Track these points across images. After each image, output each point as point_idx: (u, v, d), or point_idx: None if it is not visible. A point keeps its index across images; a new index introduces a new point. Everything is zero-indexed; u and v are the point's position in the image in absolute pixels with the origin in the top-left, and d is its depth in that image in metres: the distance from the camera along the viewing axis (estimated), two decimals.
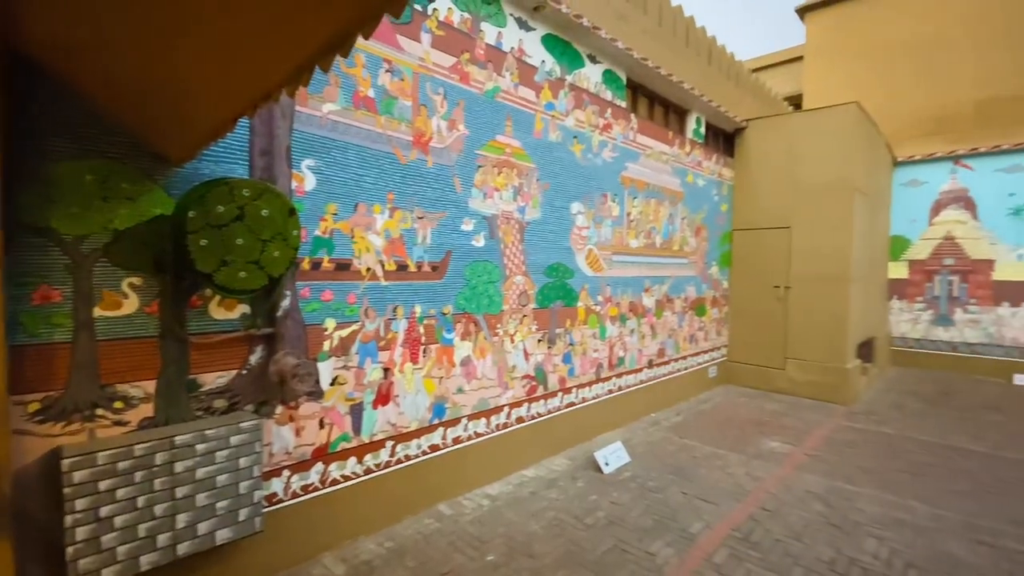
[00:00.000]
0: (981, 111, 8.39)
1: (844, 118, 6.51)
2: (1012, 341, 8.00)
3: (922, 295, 8.82)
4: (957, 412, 6.10)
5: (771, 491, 3.82)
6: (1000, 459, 4.59)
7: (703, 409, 6.09)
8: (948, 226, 8.58)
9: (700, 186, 6.72)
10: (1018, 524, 3.38)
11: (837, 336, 6.46)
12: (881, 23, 9.37)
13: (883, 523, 3.36)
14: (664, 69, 5.53)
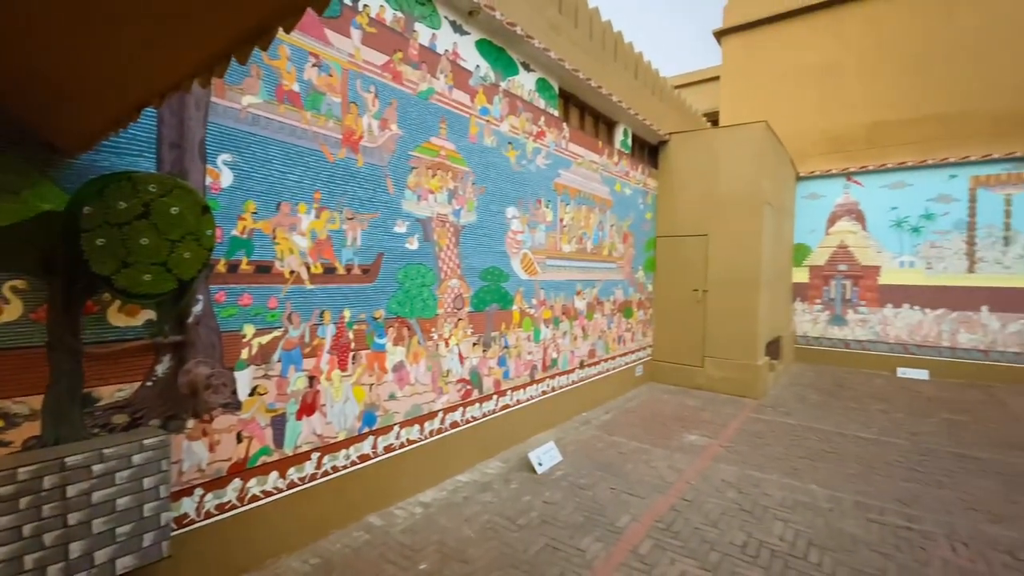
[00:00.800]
0: (870, 133, 9.46)
1: (754, 135, 7.10)
2: (895, 338, 9.08)
3: (820, 297, 9.79)
4: (850, 403, 6.81)
5: (691, 482, 4.07)
6: (886, 444, 5.18)
7: (630, 407, 6.36)
8: (842, 236, 9.60)
9: (627, 195, 7.03)
10: (901, 502, 3.83)
11: (748, 335, 7.01)
12: (787, 51, 10.32)
13: (788, 507, 3.69)
14: (594, 81, 5.75)
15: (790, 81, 10.26)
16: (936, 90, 8.89)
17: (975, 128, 8.53)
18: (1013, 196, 8.22)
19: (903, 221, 9.05)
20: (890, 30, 9.27)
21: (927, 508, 3.72)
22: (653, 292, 7.88)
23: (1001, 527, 3.45)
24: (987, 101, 8.46)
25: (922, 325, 8.84)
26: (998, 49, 8.40)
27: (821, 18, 9.94)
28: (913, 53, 9.08)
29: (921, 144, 8.94)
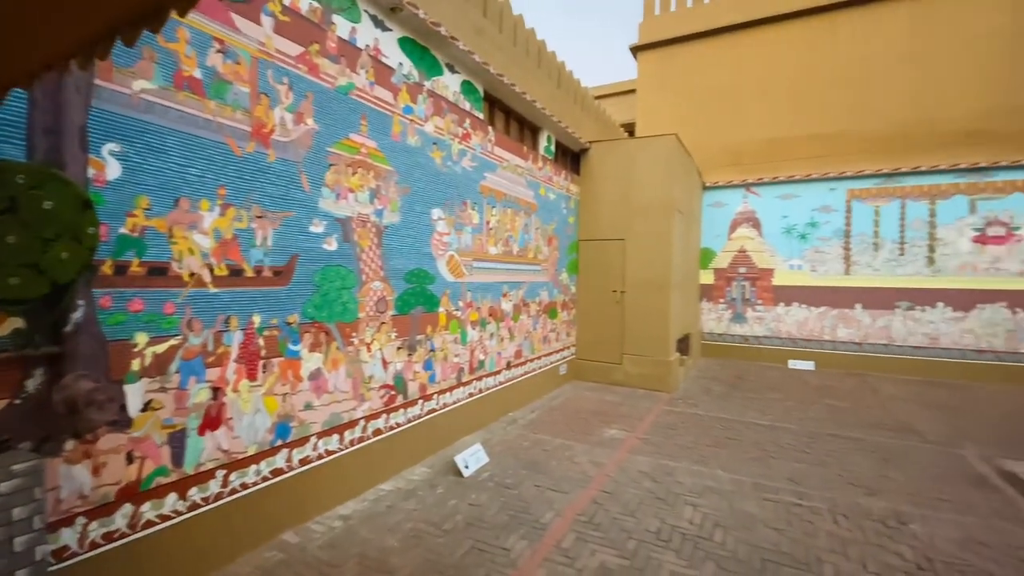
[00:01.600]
0: (766, 148, 10.46)
1: (666, 147, 7.58)
2: (786, 334, 10.10)
3: (724, 297, 10.67)
4: (749, 393, 7.48)
5: (610, 475, 4.26)
6: (779, 429, 5.74)
7: (554, 405, 6.53)
8: (742, 241, 10.53)
9: (551, 199, 7.23)
10: (793, 481, 4.26)
11: (661, 333, 7.47)
12: (695, 70, 11.14)
13: (697, 492, 3.97)
14: (519, 87, 5.85)
15: (698, 97, 11.09)
16: (820, 112, 10.01)
17: (851, 147, 9.72)
18: (881, 207, 9.46)
19: (792, 228, 10.11)
20: (781, 56, 10.32)
21: (814, 485, 4.17)
22: (576, 293, 8.15)
23: (874, 499, 3.95)
24: (860, 123, 9.68)
25: (808, 321, 9.93)
26: (870, 77, 9.64)
27: (723, 42, 10.85)
28: (800, 78, 10.17)
29: (808, 160, 10.04)
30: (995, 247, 8.68)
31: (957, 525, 3.51)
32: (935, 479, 4.35)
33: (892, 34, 9.44)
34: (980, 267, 8.76)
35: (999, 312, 8.62)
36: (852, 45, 9.75)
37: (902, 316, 9.24)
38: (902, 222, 9.29)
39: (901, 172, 9.24)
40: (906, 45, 9.33)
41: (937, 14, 9.13)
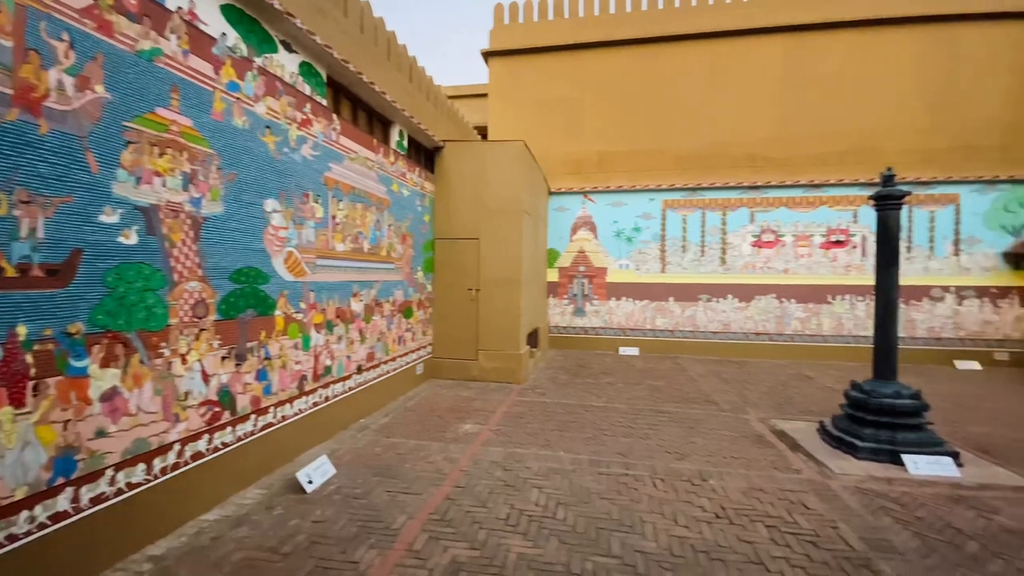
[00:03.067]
0: (600, 160, 11.62)
1: (515, 152, 7.96)
2: (617, 324, 11.39)
3: (567, 293, 11.65)
4: (588, 379, 8.26)
5: (464, 469, 4.33)
6: (611, 409, 6.43)
7: (410, 406, 6.42)
8: (581, 243, 11.60)
9: (405, 196, 7.07)
10: (621, 455, 4.80)
11: (512, 328, 7.85)
12: (541, 81, 11.88)
13: (542, 474, 4.25)
14: (367, 76, 5.59)
15: (544, 107, 11.86)
16: (643, 130, 11.46)
17: (666, 163, 11.32)
18: (688, 216, 11.20)
19: (621, 232, 11.45)
20: (614, 77, 11.56)
21: (638, 456, 4.77)
22: (433, 292, 8.10)
23: (684, 462, 4.65)
24: (673, 143, 11.32)
25: (634, 313, 11.35)
26: (681, 104, 11.32)
27: (566, 58, 11.77)
28: (628, 99, 11.51)
29: (633, 172, 11.43)
30: (767, 250, 10.91)
31: (744, 477, 4.33)
32: (728, 441, 5.30)
33: (697, 69, 11.23)
34: (757, 266, 10.93)
35: (771, 302, 10.86)
36: (668, 74, 11.36)
37: (703, 307, 11.10)
38: (703, 229, 11.15)
39: (702, 187, 11.08)
40: (707, 79, 11.18)
41: (729, 55, 11.10)
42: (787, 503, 3.82)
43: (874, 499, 3.90)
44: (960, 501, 3.87)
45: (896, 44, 10.43)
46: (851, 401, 5.04)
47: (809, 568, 2.95)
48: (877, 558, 3.06)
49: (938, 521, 3.55)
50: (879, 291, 5.00)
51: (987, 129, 10.14)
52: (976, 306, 10.13)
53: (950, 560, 3.05)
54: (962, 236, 10.21)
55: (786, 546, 3.18)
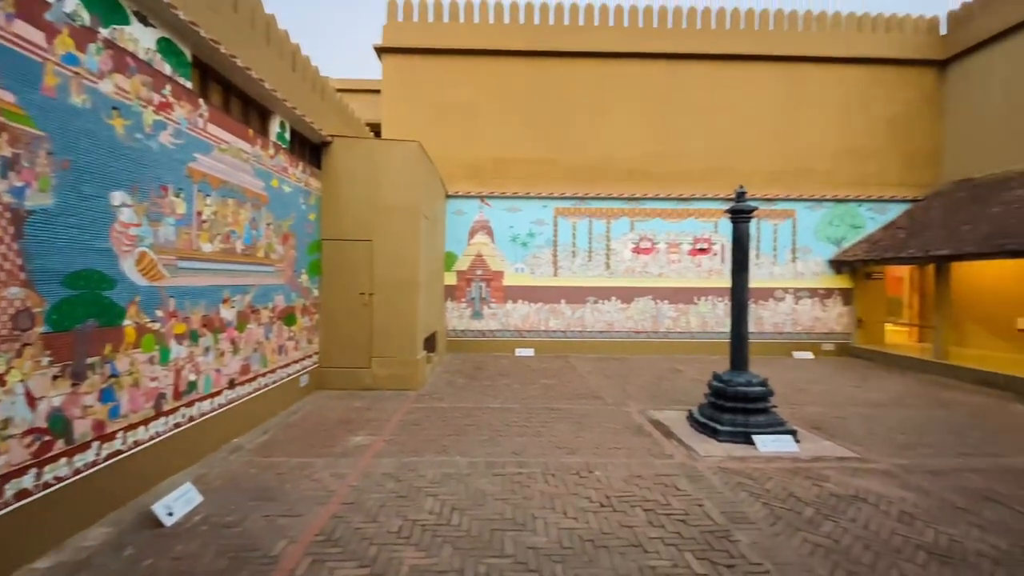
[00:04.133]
0: (496, 166, 11.82)
1: (411, 153, 7.80)
2: (514, 327, 11.66)
3: (465, 297, 11.67)
4: (485, 381, 8.33)
5: (354, 484, 4.12)
6: (507, 410, 6.55)
7: (292, 421, 5.95)
8: (478, 247, 11.71)
9: (287, 192, 6.56)
10: (516, 454, 4.90)
11: (409, 333, 7.66)
12: (438, 82, 11.77)
13: (437, 481, 4.19)
14: (241, 60, 5.10)
15: (441, 110, 11.77)
16: (537, 140, 11.87)
17: (557, 172, 11.85)
18: (577, 223, 11.84)
19: (517, 237, 11.76)
20: (510, 86, 11.84)
21: (532, 454, 4.91)
22: (320, 296, 7.60)
23: (573, 456, 4.88)
24: (564, 154, 11.88)
25: (530, 315, 11.72)
26: (570, 118, 11.91)
27: (464, 62, 11.80)
28: (524, 108, 11.86)
29: (528, 179, 11.80)
30: (644, 256, 11.92)
31: (625, 466, 4.65)
32: (612, 432, 5.67)
33: (586, 85, 11.92)
34: (636, 271, 11.89)
35: (648, 303, 11.87)
36: (560, 88, 11.91)
37: (591, 308, 11.80)
38: (590, 236, 11.87)
39: (589, 197, 11.80)
40: (595, 96, 11.92)
41: (614, 75, 11.93)
42: (662, 487, 4.18)
43: (732, 476, 4.43)
44: (798, 472, 4.54)
45: (751, 77, 12.03)
46: (713, 390, 5.68)
47: (680, 545, 3.25)
48: (735, 529, 3.47)
49: (782, 492, 4.12)
50: (733, 293, 5.71)
51: (818, 155, 12.11)
52: (809, 305, 12.02)
53: (792, 525, 3.56)
54: (798, 246, 12.07)
55: (661, 527, 3.49)
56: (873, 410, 6.82)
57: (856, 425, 6.07)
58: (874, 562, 3.06)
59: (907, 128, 12.22)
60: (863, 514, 3.72)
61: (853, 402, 7.29)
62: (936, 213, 10.87)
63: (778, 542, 3.31)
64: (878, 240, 11.39)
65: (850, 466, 4.71)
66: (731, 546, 3.24)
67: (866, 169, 12.16)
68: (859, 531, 3.46)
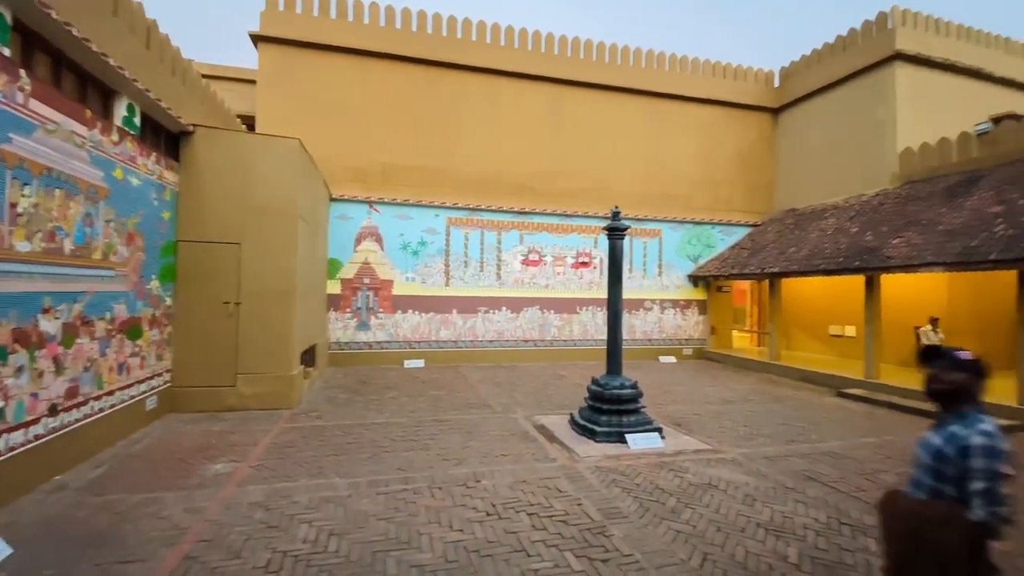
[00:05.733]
0: (385, 171, 11.46)
1: (290, 150, 7.25)
2: (403, 337, 11.33)
3: (350, 307, 11.08)
4: (370, 395, 7.96)
5: (212, 518, 3.65)
6: (393, 424, 6.32)
7: (135, 451, 5.13)
8: (366, 254, 11.22)
9: (134, 185, 5.70)
10: (401, 470, 4.73)
11: (284, 346, 7.05)
12: (322, 79, 11.11)
13: (313, 507, 3.89)
14: (79, 30, 4.36)
15: (327, 108, 11.12)
16: (429, 148, 11.76)
17: (449, 182, 11.85)
18: (469, 234, 11.93)
19: (408, 245, 11.51)
20: (403, 91, 11.60)
21: (418, 468, 4.78)
22: (174, 306, 6.68)
23: (460, 467, 4.85)
24: (457, 164, 11.92)
25: (420, 325, 11.49)
26: (462, 129, 12.00)
27: (352, 62, 11.31)
28: (416, 115, 11.69)
29: (419, 187, 11.63)
30: (533, 268, 12.39)
31: (511, 472, 4.74)
32: (500, 440, 5.76)
33: (478, 100, 12.12)
34: (525, 281, 12.30)
35: (536, 313, 12.32)
36: (452, 100, 11.97)
37: (482, 318, 11.94)
38: (482, 246, 12.04)
39: (481, 208, 11.98)
40: (487, 111, 12.17)
41: (505, 93, 12.30)
42: (545, 490, 4.33)
43: (608, 474, 4.74)
44: (663, 466, 5.00)
45: (625, 108, 13.20)
46: (591, 394, 6.06)
47: (561, 544, 3.39)
48: (610, 524, 3.71)
49: (649, 485, 4.51)
50: (609, 303, 6.17)
51: (680, 182, 13.64)
52: (672, 314, 13.41)
53: (658, 515, 3.90)
54: (664, 262, 13.44)
55: (543, 529, 3.60)
56: (724, 407, 7.79)
57: (710, 420, 6.88)
58: (724, 542, 3.48)
59: (749, 163, 14.34)
60: (715, 500, 4.21)
61: (708, 400, 8.26)
62: (771, 236, 12.86)
63: (646, 532, 3.61)
64: (726, 258, 13.13)
65: (705, 457, 5.31)
66: (606, 541, 3.46)
67: (718, 196, 14.00)
68: (712, 515, 3.90)
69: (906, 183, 10.95)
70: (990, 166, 9.43)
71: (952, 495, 1.77)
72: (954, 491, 1.77)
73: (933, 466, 1.84)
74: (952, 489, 1.77)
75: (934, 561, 1.68)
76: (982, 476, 1.69)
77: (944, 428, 1.86)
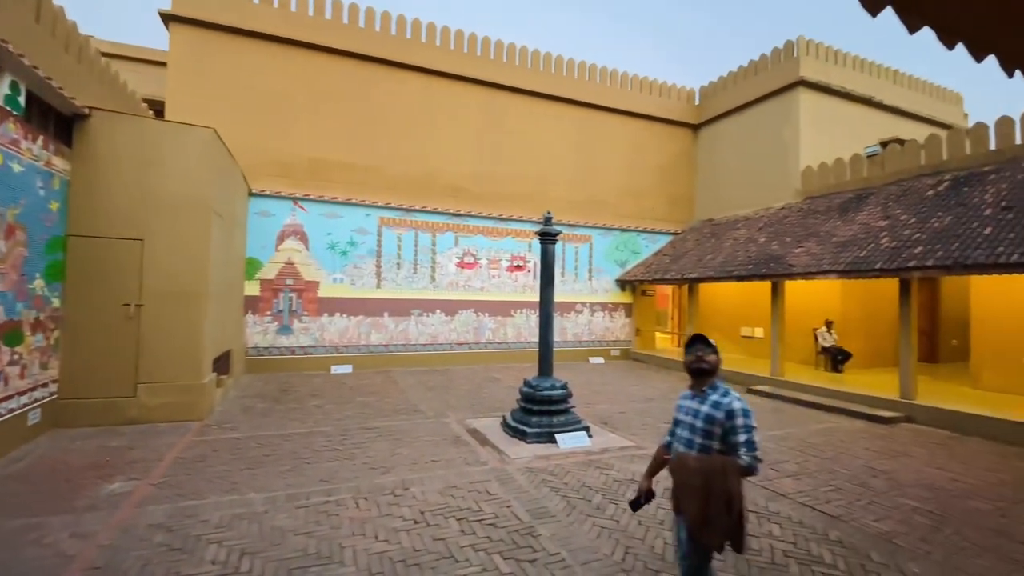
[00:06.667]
0: (313, 167, 10.94)
1: (203, 139, 6.73)
2: (330, 342, 10.84)
3: (270, 309, 10.43)
4: (292, 404, 7.55)
5: (105, 543, 3.29)
6: (317, 433, 6.02)
7: (14, 471, 4.51)
8: (289, 253, 10.63)
9: (16, 172, 5.03)
10: (324, 481, 4.52)
11: (193, 352, 6.51)
12: (242, 65, 10.40)
13: (224, 525, 3.61)
14: None
15: (246, 96, 10.43)
16: (361, 145, 11.37)
17: (382, 181, 11.53)
18: (402, 235, 11.67)
19: (336, 245, 11.05)
20: (331, 85, 11.13)
21: (343, 479, 4.59)
22: (63, 308, 5.96)
23: (388, 476, 4.71)
24: (389, 164, 11.62)
25: (348, 329, 11.06)
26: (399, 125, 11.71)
27: (276, 50, 10.69)
28: (348, 111, 11.27)
29: (349, 185, 11.22)
30: (468, 270, 12.34)
31: (441, 479, 4.68)
32: (431, 446, 5.67)
33: (413, 99, 11.90)
34: (460, 284, 12.23)
35: (470, 315, 12.28)
36: (386, 97, 11.66)
37: (415, 321, 11.71)
38: (416, 248, 11.82)
39: (415, 209, 11.77)
40: (422, 111, 11.98)
41: (441, 94, 12.18)
42: (475, 494, 4.32)
43: (538, 475, 4.81)
44: (591, 464, 5.16)
45: (559, 116, 13.54)
46: (523, 396, 6.13)
47: (490, 548, 3.39)
48: (538, 524, 3.77)
49: (577, 483, 4.63)
50: (541, 306, 6.29)
51: (609, 190, 14.18)
52: (601, 317, 13.91)
53: (584, 512, 4.02)
54: (594, 266, 13.91)
55: (472, 534, 3.59)
56: (646, 404, 8.18)
57: (634, 418, 7.19)
58: (645, 535, 3.64)
59: (672, 175, 15.21)
60: None
61: (632, 399, 8.63)
62: (690, 244, 13.70)
63: (573, 530, 3.70)
64: (650, 264, 13.83)
65: (629, 454, 5.54)
66: (534, 541, 3.51)
67: (643, 205, 14.73)
68: None
69: (807, 198, 12.10)
70: (878, 184, 10.66)
71: (718, 449, 2.23)
72: (720, 445, 2.23)
73: (704, 428, 2.25)
74: (718, 444, 2.23)
75: (721, 500, 2.12)
76: (744, 431, 2.17)
77: (706, 398, 2.29)
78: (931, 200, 8.85)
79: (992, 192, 7.96)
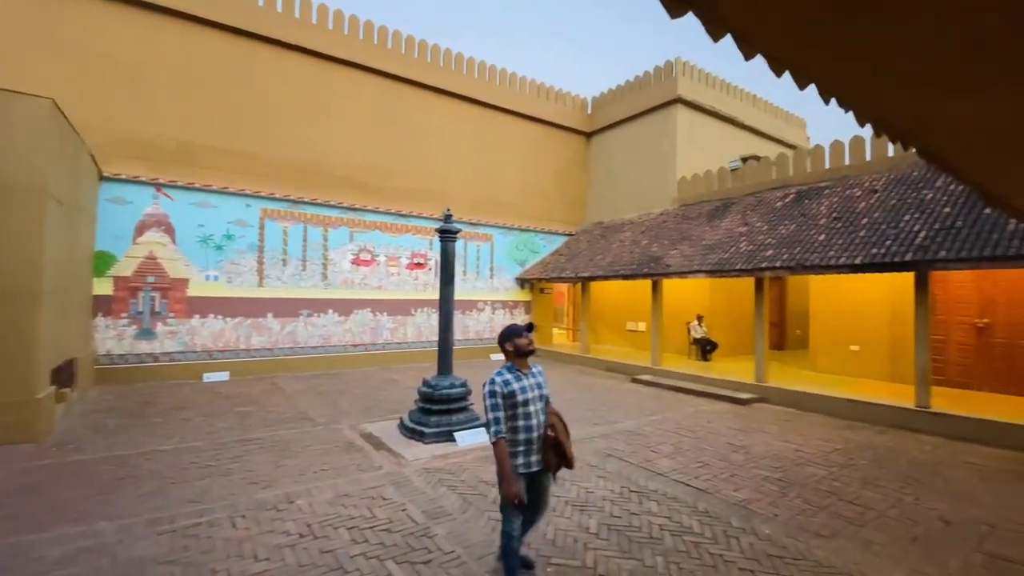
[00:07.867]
0: (181, 150, 9.71)
1: (39, 112, 5.67)
2: (202, 346, 9.73)
3: (128, 311, 9.07)
4: (154, 418, 6.65)
5: None
6: (184, 450, 5.38)
7: None
8: (151, 246, 9.33)
9: None
10: (193, 502, 4.05)
11: (24, 363, 5.46)
12: (91, 30, 8.91)
13: (66, 561, 3.09)
14: None
15: (97, 64, 8.95)
16: (238, 129, 10.31)
17: (264, 169, 10.59)
18: (289, 229, 10.83)
19: (209, 239, 9.93)
20: (203, 60, 9.96)
21: (216, 497, 4.16)
22: None
23: (270, 490, 4.35)
24: (272, 149, 10.69)
25: (224, 332, 10.01)
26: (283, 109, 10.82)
27: (133, 14, 9.32)
28: (221, 90, 10.15)
29: (226, 172, 10.14)
30: (364, 268, 11.82)
31: (332, 487, 4.43)
32: (320, 454, 5.34)
33: (299, 82, 11.07)
34: (355, 282, 11.68)
35: (367, 315, 11.78)
36: (268, 78, 10.72)
37: (304, 322, 10.95)
38: (305, 243, 11.05)
39: (304, 201, 10.99)
40: (310, 96, 11.18)
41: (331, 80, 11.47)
42: (368, 500, 4.17)
43: (435, 475, 4.77)
44: (488, 459, 5.21)
45: (458, 114, 13.50)
46: (421, 396, 6.04)
47: (383, 554, 3.29)
48: (434, 524, 3.74)
49: (473, 479, 4.67)
50: (441, 304, 6.24)
51: (509, 191, 14.47)
52: (502, 314, 14.16)
53: (480, 508, 4.06)
54: (495, 265, 14.11)
55: (364, 542, 3.46)
56: None
57: None
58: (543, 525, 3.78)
59: (567, 179, 15.95)
60: None
61: None
62: (583, 245, 14.48)
63: (468, 527, 3.72)
64: (548, 263, 14.39)
65: None
66: (429, 542, 3.48)
67: (541, 206, 15.26)
68: None
69: (682, 205, 13.40)
70: (739, 195, 12.11)
71: None
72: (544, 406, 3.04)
73: (544, 395, 3.03)
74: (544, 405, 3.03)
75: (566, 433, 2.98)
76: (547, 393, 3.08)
77: (531, 375, 3.00)
78: (780, 210, 10.28)
79: (827, 204, 9.45)
